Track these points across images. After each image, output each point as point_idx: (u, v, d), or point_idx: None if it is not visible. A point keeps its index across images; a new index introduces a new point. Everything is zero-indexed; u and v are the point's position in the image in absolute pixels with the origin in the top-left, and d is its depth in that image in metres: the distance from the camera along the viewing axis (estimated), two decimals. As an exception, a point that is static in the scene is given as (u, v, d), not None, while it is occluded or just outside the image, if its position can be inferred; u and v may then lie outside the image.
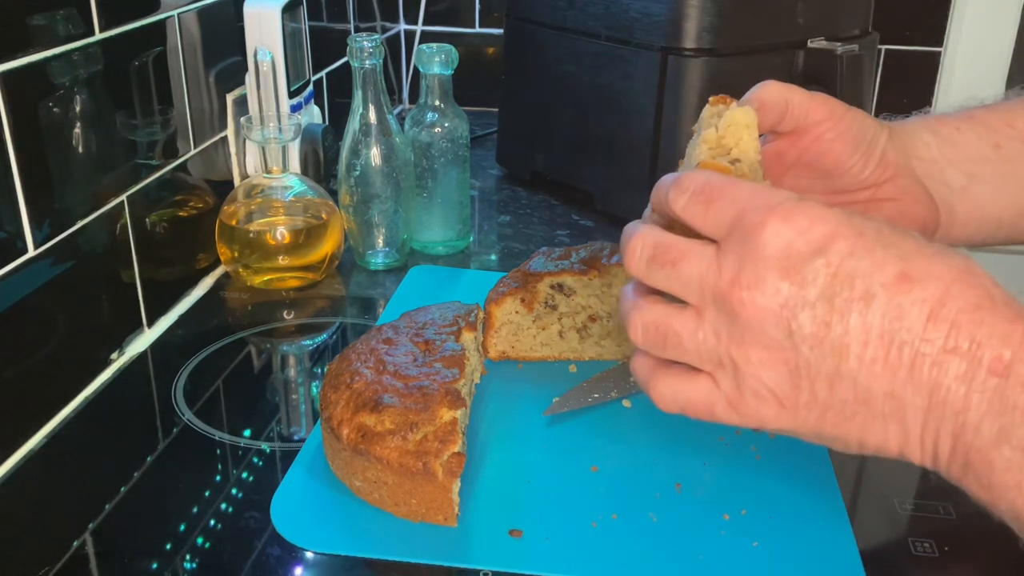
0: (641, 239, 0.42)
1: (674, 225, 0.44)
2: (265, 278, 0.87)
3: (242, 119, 0.86)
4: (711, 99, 0.49)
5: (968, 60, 1.41)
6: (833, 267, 0.37)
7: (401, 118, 0.94)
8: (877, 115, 0.55)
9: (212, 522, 0.56)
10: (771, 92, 0.49)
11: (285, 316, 0.83)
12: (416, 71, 1.25)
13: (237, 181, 0.93)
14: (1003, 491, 0.36)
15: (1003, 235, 0.58)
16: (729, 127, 0.46)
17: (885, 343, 0.37)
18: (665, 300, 0.43)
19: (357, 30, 1.27)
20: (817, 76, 0.95)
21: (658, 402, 0.44)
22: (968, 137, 0.54)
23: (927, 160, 0.55)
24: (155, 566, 0.53)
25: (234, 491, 0.59)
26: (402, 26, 1.47)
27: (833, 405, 0.39)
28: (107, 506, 0.57)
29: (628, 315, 0.43)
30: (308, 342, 0.80)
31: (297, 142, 0.93)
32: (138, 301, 0.77)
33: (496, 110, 1.21)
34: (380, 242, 0.91)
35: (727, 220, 0.40)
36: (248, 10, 0.88)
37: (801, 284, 0.38)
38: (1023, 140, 0.55)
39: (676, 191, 0.42)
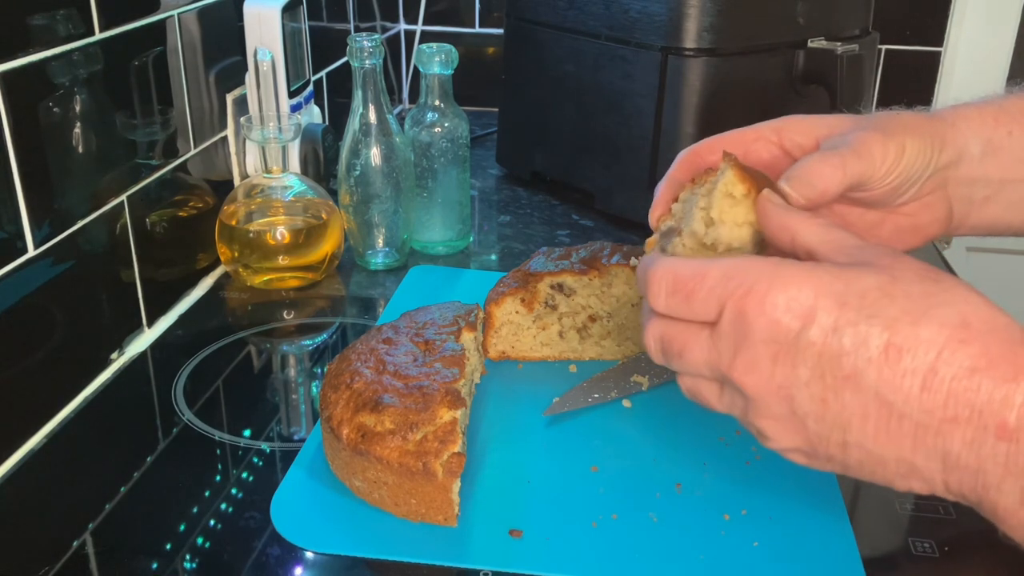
0: (650, 333, 0.44)
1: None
2: (265, 278, 0.87)
3: (242, 119, 0.86)
4: (725, 157, 0.48)
5: (968, 60, 1.41)
6: (818, 346, 0.38)
7: (401, 118, 0.94)
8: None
9: (212, 522, 0.56)
10: (821, 193, 0.48)
11: (285, 316, 0.83)
12: (416, 71, 1.25)
13: (237, 181, 0.93)
14: None
15: (1011, 233, 0.57)
16: (716, 203, 0.47)
17: (884, 416, 0.37)
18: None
19: (357, 30, 1.27)
20: (817, 76, 0.95)
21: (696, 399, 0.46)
22: (1016, 141, 0.53)
23: (964, 175, 0.53)
24: (155, 566, 0.53)
25: (234, 491, 0.59)
26: (402, 26, 1.47)
27: (851, 465, 0.40)
28: (107, 506, 0.57)
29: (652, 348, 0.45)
30: (308, 342, 0.80)
31: (297, 142, 0.93)
32: (138, 301, 0.77)
33: (496, 110, 1.21)
34: (380, 242, 0.91)
35: (712, 310, 0.41)
36: (248, 10, 0.88)
37: (792, 365, 0.38)
38: None
39: (652, 292, 0.43)
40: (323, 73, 1.15)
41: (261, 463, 0.62)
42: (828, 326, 0.37)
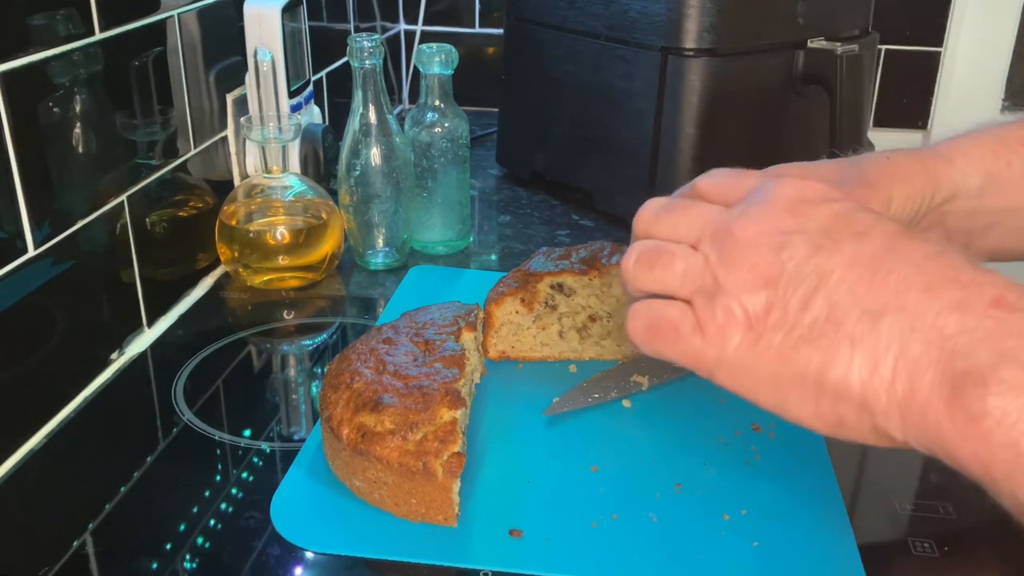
0: (632, 251, 0.44)
1: None
2: (265, 278, 0.87)
3: (242, 119, 0.86)
4: None
5: (968, 60, 1.41)
6: (837, 210, 0.38)
7: (401, 118, 0.94)
8: (877, 114, 0.55)
9: (212, 522, 0.56)
10: None
11: (285, 316, 0.83)
12: (416, 71, 1.25)
13: (237, 181, 0.93)
14: (999, 428, 0.33)
15: (1014, 258, 0.57)
16: None
17: (873, 268, 0.36)
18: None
19: (357, 30, 1.27)
20: (817, 76, 0.95)
21: (629, 321, 0.44)
22: (1016, 171, 0.53)
23: (962, 209, 0.53)
24: (155, 566, 0.53)
25: (234, 491, 0.59)
26: (402, 26, 1.47)
27: (801, 325, 0.38)
28: (107, 506, 0.57)
29: (629, 251, 0.44)
30: (308, 342, 0.80)
31: (297, 142, 0.93)
32: (138, 301, 0.77)
33: (496, 110, 1.21)
34: (380, 242, 0.91)
35: (744, 191, 0.43)
36: (248, 10, 0.88)
37: (805, 218, 0.39)
38: None
39: (702, 184, 0.47)
40: (323, 73, 1.15)
41: (261, 463, 0.62)
42: (852, 206, 0.39)
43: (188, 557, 0.53)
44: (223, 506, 0.58)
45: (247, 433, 0.65)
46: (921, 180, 0.51)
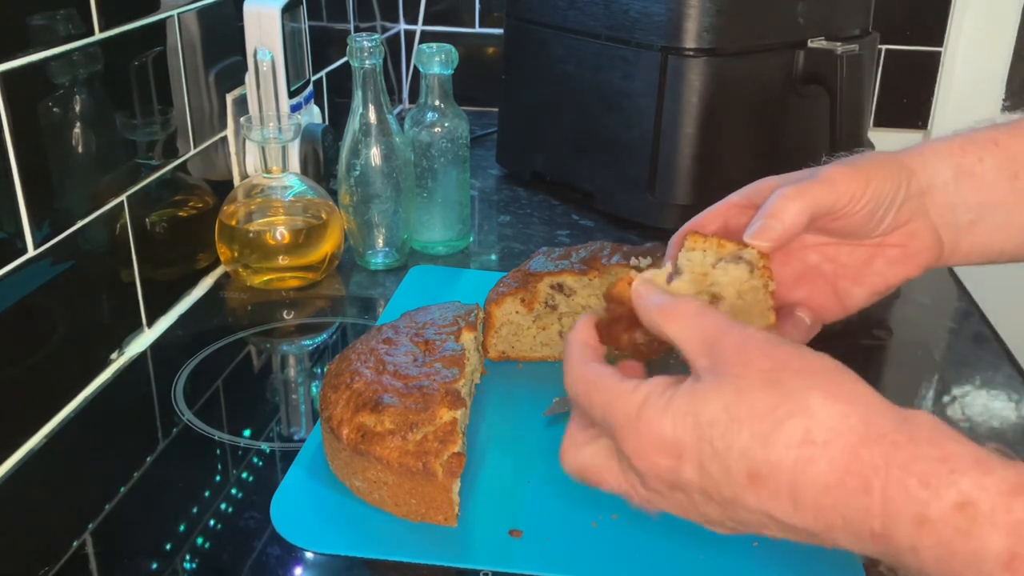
0: (567, 465, 0.48)
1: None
2: (265, 278, 0.87)
3: (242, 119, 0.86)
4: (689, 238, 0.51)
5: (968, 60, 1.41)
6: (696, 481, 0.40)
7: (401, 118, 0.94)
8: (877, 114, 0.55)
9: (212, 522, 0.56)
10: (787, 226, 0.49)
11: (285, 316, 0.83)
12: (416, 71, 1.25)
13: (237, 181, 0.93)
14: None
15: (1006, 259, 0.58)
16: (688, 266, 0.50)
17: (779, 526, 0.39)
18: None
19: (357, 30, 1.27)
20: (817, 76, 0.95)
21: (561, 456, 0.48)
22: (988, 167, 0.54)
23: (941, 202, 0.54)
24: (155, 566, 0.53)
25: (234, 491, 0.59)
26: (402, 26, 1.47)
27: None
28: (107, 506, 0.57)
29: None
30: (308, 342, 0.80)
31: (297, 142, 0.93)
32: (138, 301, 0.77)
33: (496, 110, 1.21)
34: (380, 242, 0.91)
35: (608, 436, 0.44)
36: (248, 10, 0.88)
37: (685, 493, 0.41)
38: (1007, 158, 0.54)
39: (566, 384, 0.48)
40: (323, 73, 1.15)
41: (261, 463, 0.62)
42: (696, 464, 0.39)
43: (188, 557, 0.53)
44: (223, 506, 0.58)
45: (247, 433, 0.65)
46: (896, 166, 0.52)
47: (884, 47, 1.40)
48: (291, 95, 0.92)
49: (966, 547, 0.34)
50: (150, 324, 0.79)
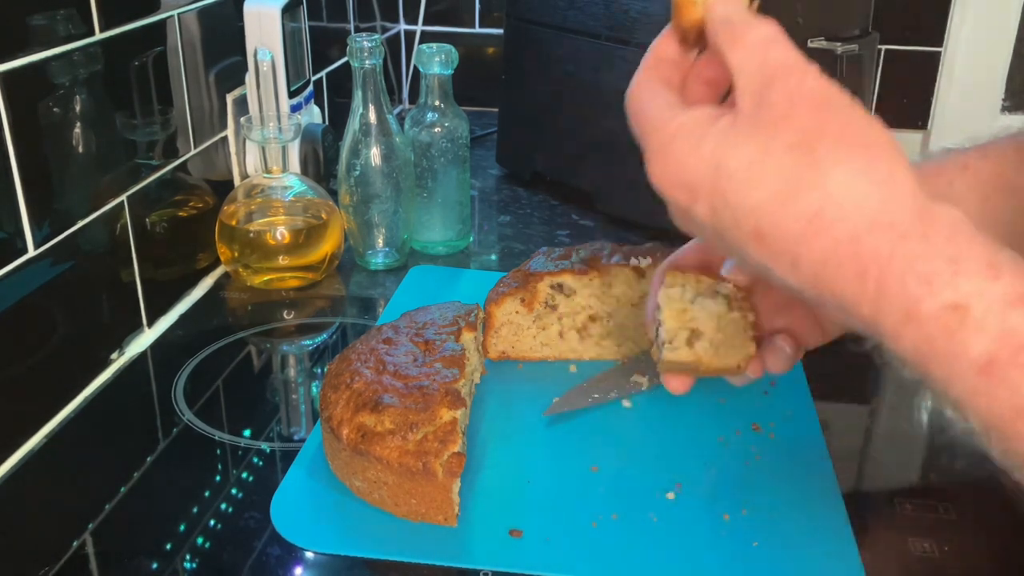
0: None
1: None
2: (265, 278, 0.87)
3: (242, 119, 0.86)
4: (668, 275, 0.52)
5: (968, 60, 1.41)
6: (708, 222, 0.40)
7: (401, 118, 0.94)
8: (877, 114, 0.56)
9: (212, 522, 0.56)
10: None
11: (285, 316, 0.83)
12: (416, 71, 1.25)
13: (237, 181, 0.93)
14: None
15: None
16: (666, 307, 0.51)
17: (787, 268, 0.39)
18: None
19: (357, 30, 1.27)
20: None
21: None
22: (959, 190, 0.54)
23: None
24: (155, 566, 0.53)
25: (234, 491, 0.59)
26: (402, 26, 1.47)
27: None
28: (107, 506, 0.57)
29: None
30: (308, 342, 0.80)
31: (297, 142, 0.93)
32: (138, 301, 0.77)
33: (496, 110, 1.21)
34: (380, 242, 0.91)
35: None
36: (248, 10, 0.88)
37: (696, 226, 0.42)
38: (1010, 191, 0.55)
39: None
40: (323, 73, 1.15)
41: (261, 463, 0.62)
42: (708, 207, 0.40)
43: (188, 557, 0.53)
44: (223, 506, 0.58)
45: (247, 433, 0.65)
46: None
47: (884, 47, 1.40)
48: (291, 95, 0.92)
49: (947, 347, 0.35)
50: (150, 324, 0.79)
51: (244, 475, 0.61)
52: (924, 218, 0.36)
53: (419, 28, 1.45)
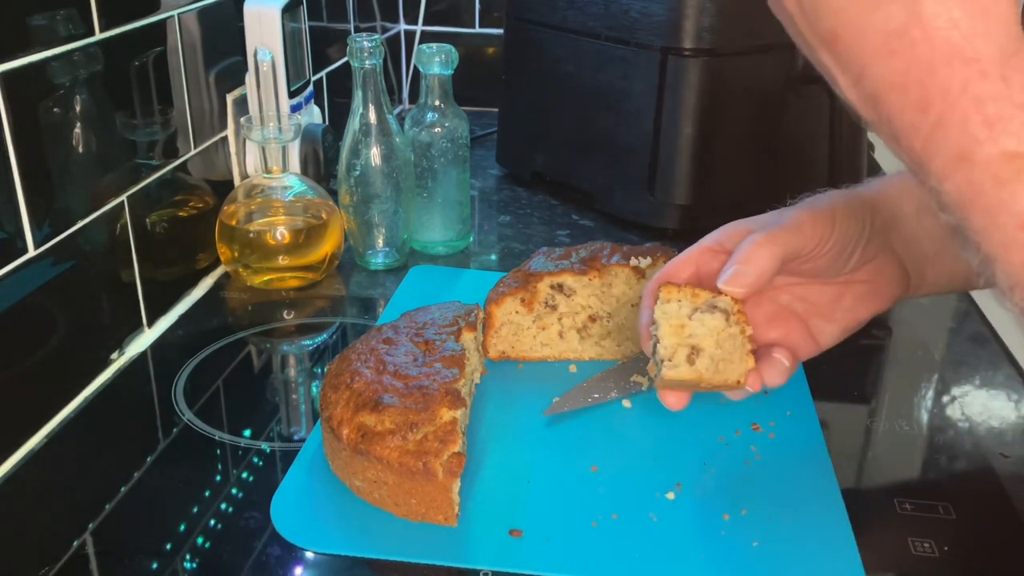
0: None
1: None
2: (265, 278, 0.87)
3: (242, 119, 0.86)
4: (663, 290, 0.52)
5: (968, 60, 1.41)
6: None
7: (401, 118, 0.94)
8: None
9: (212, 522, 0.56)
10: (759, 271, 0.50)
11: (285, 316, 0.83)
12: (416, 71, 1.25)
13: (237, 181, 0.93)
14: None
15: (971, 286, 0.59)
16: (663, 323, 0.51)
17: None
18: None
19: (357, 30, 1.27)
20: (817, 76, 0.94)
21: None
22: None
23: (905, 236, 0.56)
24: (155, 566, 0.53)
25: (234, 491, 0.59)
26: (402, 26, 1.47)
27: None
28: (107, 506, 0.57)
29: None
30: (308, 342, 0.80)
31: (297, 142, 0.93)
32: (138, 301, 0.77)
33: (496, 110, 1.21)
34: (380, 242, 0.91)
35: None
36: (248, 10, 0.88)
37: None
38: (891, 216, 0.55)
39: None
40: (323, 73, 1.15)
41: (261, 463, 0.62)
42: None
43: (188, 557, 0.53)
44: (223, 506, 0.58)
45: (247, 433, 0.65)
46: (859, 204, 0.54)
47: (884, 47, 1.40)
48: (291, 95, 0.92)
49: (995, 195, 0.33)
50: (150, 324, 0.79)
51: (244, 475, 0.61)
52: (1012, 59, 0.34)
53: (419, 28, 1.45)
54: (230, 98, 0.90)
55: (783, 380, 0.54)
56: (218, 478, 0.61)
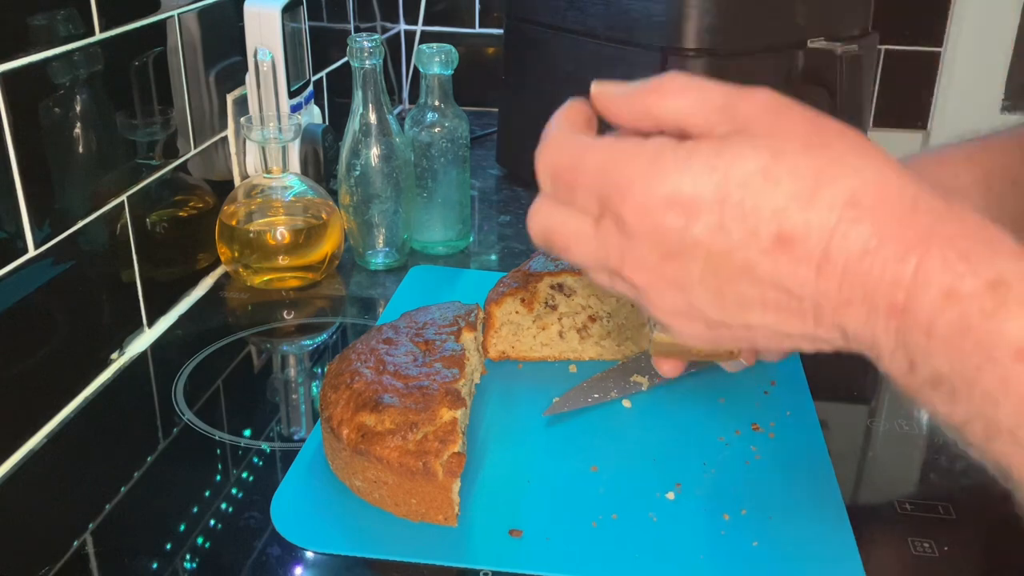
0: (534, 224, 0.42)
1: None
2: (265, 278, 0.87)
3: (242, 119, 0.86)
4: None
5: (968, 60, 1.41)
6: (706, 243, 0.36)
7: (401, 118, 0.94)
8: (877, 114, 0.56)
9: (212, 522, 0.56)
10: None
11: (285, 316, 0.83)
12: (416, 71, 1.25)
13: (237, 181, 0.93)
14: (923, 407, 0.36)
15: None
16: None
17: (784, 301, 0.36)
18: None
19: (357, 30, 1.27)
20: (817, 76, 0.95)
21: (529, 219, 0.43)
22: (964, 183, 0.54)
23: None
24: (155, 566, 0.53)
25: (234, 491, 0.59)
26: (402, 26, 1.47)
27: (758, 340, 0.39)
28: (107, 506, 0.57)
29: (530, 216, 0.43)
30: (308, 342, 0.80)
31: (297, 142, 0.93)
32: (138, 301, 0.77)
33: (496, 110, 1.21)
34: (380, 242, 0.91)
35: (592, 206, 0.39)
36: (248, 10, 0.88)
37: (683, 262, 0.37)
38: (1012, 183, 0.54)
39: (540, 173, 0.41)
40: (323, 73, 1.15)
41: (261, 463, 0.62)
42: (713, 223, 0.36)
43: (188, 557, 0.53)
44: (223, 506, 0.58)
45: (247, 433, 0.65)
46: None
47: (884, 47, 1.40)
48: (291, 95, 0.92)
49: (984, 327, 0.33)
50: (150, 324, 0.79)
51: (244, 475, 0.61)
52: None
53: (419, 28, 1.45)
54: (230, 98, 0.90)
55: (779, 355, 0.53)
56: (218, 478, 0.61)
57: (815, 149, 0.35)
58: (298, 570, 0.53)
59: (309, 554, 0.53)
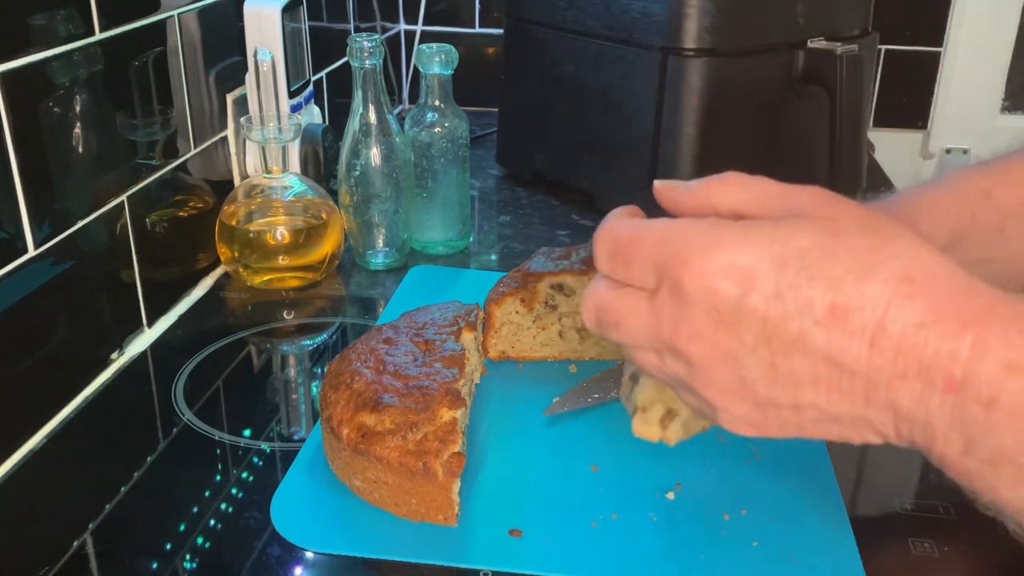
0: (588, 303, 0.43)
1: None
2: (265, 278, 0.87)
3: (242, 119, 0.86)
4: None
5: (968, 60, 1.41)
6: (761, 311, 0.37)
7: (401, 118, 0.94)
8: (877, 114, 0.56)
9: (212, 522, 0.56)
10: None
11: (285, 316, 0.83)
12: (416, 71, 1.25)
13: (237, 181, 0.93)
14: (979, 492, 0.36)
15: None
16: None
17: (835, 376, 0.37)
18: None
19: (357, 30, 1.27)
20: (817, 76, 0.95)
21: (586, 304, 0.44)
22: (979, 225, 0.54)
23: None
24: (155, 566, 0.53)
25: (234, 491, 0.59)
26: (402, 26, 1.47)
27: (806, 425, 0.39)
28: (107, 506, 0.57)
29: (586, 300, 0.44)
30: (308, 342, 0.80)
31: (297, 142, 0.93)
32: (138, 301, 0.77)
33: (496, 110, 1.21)
34: (380, 242, 0.91)
35: (649, 278, 0.40)
36: (248, 10, 0.88)
37: (736, 332, 0.37)
38: (997, 211, 0.54)
39: (598, 253, 0.42)
40: (323, 73, 1.15)
41: (261, 463, 0.62)
42: (770, 291, 0.36)
43: (188, 557, 0.53)
44: (223, 506, 0.58)
45: (247, 433, 0.65)
46: None
47: (884, 47, 1.40)
48: (291, 95, 0.92)
49: None
50: (150, 324, 0.79)
51: (244, 475, 0.61)
52: (1005, 291, 0.36)
53: (419, 28, 1.45)
54: (230, 98, 0.90)
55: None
56: (218, 478, 0.61)
57: (870, 231, 0.37)
58: (298, 570, 0.53)
59: (309, 554, 0.53)
